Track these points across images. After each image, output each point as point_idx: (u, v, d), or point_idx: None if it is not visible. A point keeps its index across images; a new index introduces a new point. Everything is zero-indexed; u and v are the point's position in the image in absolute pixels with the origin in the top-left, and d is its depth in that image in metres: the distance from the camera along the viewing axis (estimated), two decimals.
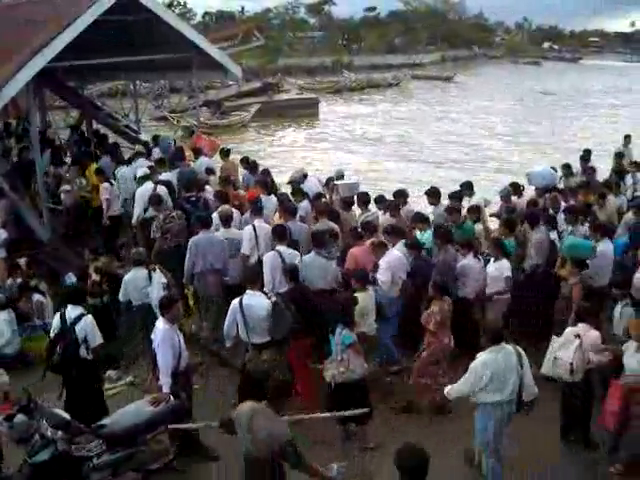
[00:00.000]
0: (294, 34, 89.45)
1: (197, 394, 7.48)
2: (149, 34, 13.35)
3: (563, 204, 10.12)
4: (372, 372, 7.52)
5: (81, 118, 17.64)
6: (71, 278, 10.17)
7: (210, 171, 12.08)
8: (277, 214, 9.79)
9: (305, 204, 10.26)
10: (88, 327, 7.09)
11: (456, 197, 10.11)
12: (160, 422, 6.37)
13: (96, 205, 12.19)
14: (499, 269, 8.34)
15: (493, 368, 5.91)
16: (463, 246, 8.60)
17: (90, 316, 7.23)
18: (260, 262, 8.46)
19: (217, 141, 11.48)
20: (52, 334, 7.26)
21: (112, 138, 16.15)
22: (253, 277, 7.60)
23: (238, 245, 9.10)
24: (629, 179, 12.18)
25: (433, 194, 10.17)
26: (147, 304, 8.37)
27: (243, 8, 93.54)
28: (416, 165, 24.95)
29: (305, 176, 11.83)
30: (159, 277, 8.33)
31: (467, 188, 10.75)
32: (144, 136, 16.04)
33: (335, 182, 11.46)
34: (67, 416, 6.07)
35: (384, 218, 9.98)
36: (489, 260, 8.62)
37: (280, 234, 8.44)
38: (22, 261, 10.65)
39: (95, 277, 9.52)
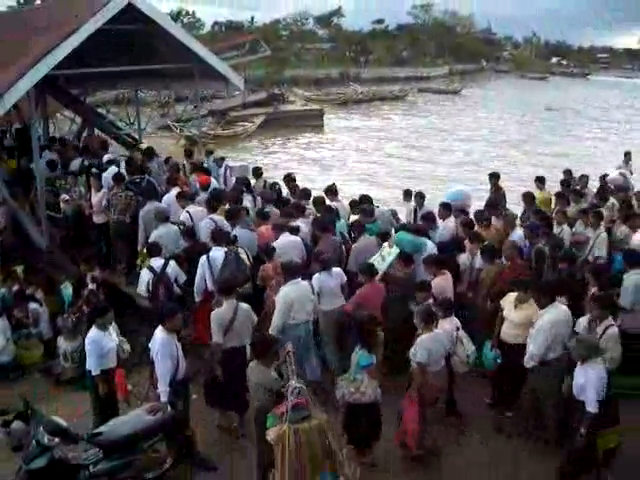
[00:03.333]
0: (302, 45, 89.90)
1: (194, 403, 7.46)
2: (151, 43, 13.35)
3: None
4: None
5: (82, 125, 17.67)
6: (67, 287, 10.12)
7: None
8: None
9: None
10: (176, 269, 8.70)
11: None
12: (157, 431, 6.39)
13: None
14: None
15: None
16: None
17: (173, 261, 8.71)
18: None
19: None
20: (146, 285, 8.62)
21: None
22: (218, 235, 8.90)
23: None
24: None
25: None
26: None
27: (253, 18, 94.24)
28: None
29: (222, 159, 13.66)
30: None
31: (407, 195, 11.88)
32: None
33: (229, 164, 13.28)
34: (64, 423, 6.04)
35: None
36: None
37: (213, 207, 10.00)
38: (19, 269, 10.63)
39: (92, 286, 9.46)
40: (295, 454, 5.48)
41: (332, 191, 11.17)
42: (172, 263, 8.65)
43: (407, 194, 11.93)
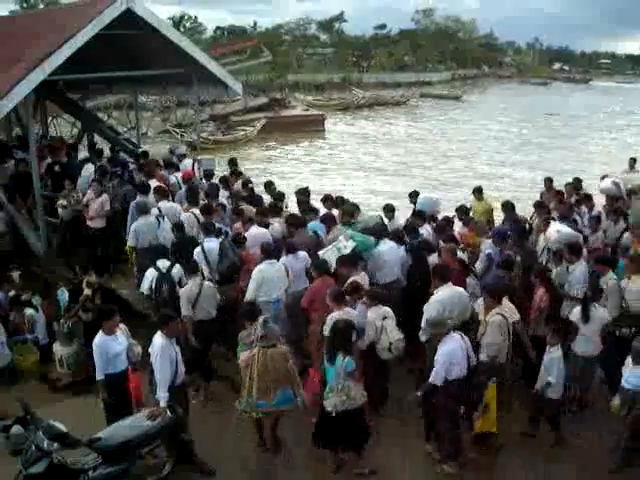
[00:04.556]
0: (304, 50, 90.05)
1: (193, 408, 7.50)
2: (150, 48, 13.36)
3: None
4: None
5: (81, 131, 17.68)
6: (63, 292, 10.12)
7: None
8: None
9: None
10: (181, 272, 8.93)
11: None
12: (156, 436, 6.41)
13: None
14: None
15: None
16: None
17: (178, 264, 8.98)
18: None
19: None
20: (150, 283, 8.92)
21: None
22: (208, 227, 9.51)
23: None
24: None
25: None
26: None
27: (255, 23, 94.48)
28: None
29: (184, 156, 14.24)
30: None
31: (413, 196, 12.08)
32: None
33: (197, 158, 14.04)
34: (63, 428, 6.04)
35: None
36: None
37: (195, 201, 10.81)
38: (15, 274, 10.63)
39: (87, 292, 9.45)
40: (263, 373, 6.57)
41: (330, 200, 11.19)
42: (178, 266, 8.99)
43: (411, 196, 12.18)
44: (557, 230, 9.49)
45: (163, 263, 9.16)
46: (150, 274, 9.08)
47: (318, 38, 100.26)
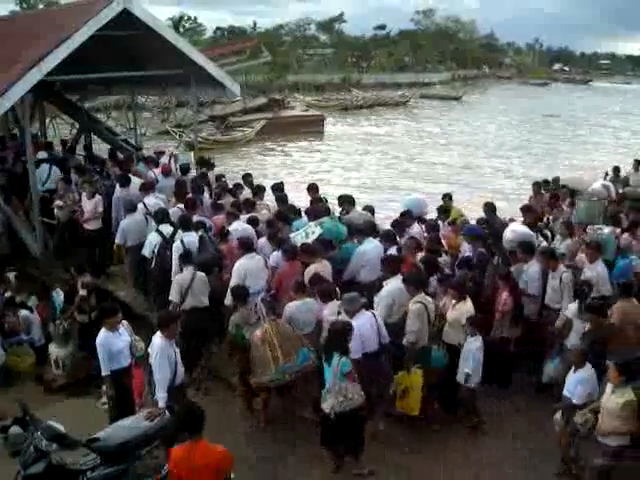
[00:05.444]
0: (304, 51, 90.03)
1: None
2: (149, 49, 13.34)
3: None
4: None
5: (79, 131, 17.64)
6: (59, 294, 10.09)
7: None
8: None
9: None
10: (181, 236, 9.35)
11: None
12: (155, 437, 6.38)
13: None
14: None
15: None
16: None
17: (181, 230, 9.48)
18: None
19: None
20: (153, 248, 9.50)
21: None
22: (185, 222, 9.69)
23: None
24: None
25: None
26: None
27: (255, 24, 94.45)
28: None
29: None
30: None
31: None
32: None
33: (173, 153, 14.63)
34: (62, 429, 6.05)
35: None
36: None
37: (181, 196, 11.03)
38: (11, 275, 10.60)
39: (83, 292, 9.42)
40: (282, 341, 7.26)
41: (314, 188, 11.41)
42: (180, 232, 9.54)
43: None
44: (512, 230, 9.60)
45: (166, 228, 9.73)
46: (154, 239, 9.62)
47: (318, 39, 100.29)
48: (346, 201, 10.74)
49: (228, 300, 8.47)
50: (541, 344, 8.51)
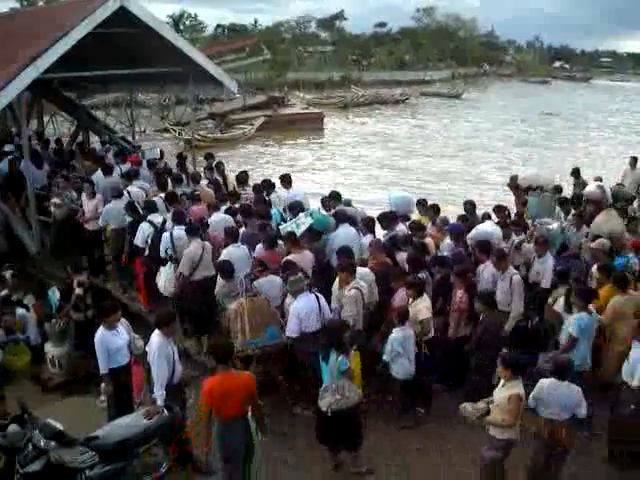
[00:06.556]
0: (304, 48, 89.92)
1: (190, 407, 7.47)
2: (147, 47, 13.32)
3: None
4: None
5: (77, 129, 17.62)
6: (55, 292, 10.07)
7: None
8: None
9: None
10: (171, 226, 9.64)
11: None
12: (153, 435, 6.39)
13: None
14: None
15: None
16: None
17: (170, 220, 9.87)
18: None
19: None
20: (145, 238, 9.81)
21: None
22: (178, 216, 9.85)
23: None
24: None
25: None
26: None
27: (256, 21, 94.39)
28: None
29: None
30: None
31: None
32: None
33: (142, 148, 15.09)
34: (60, 427, 6.06)
35: None
36: None
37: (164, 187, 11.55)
38: (7, 274, 10.57)
39: (79, 291, 9.39)
40: (252, 316, 7.58)
41: (287, 180, 11.60)
42: (170, 221, 9.89)
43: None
44: (476, 228, 9.64)
45: (155, 218, 10.06)
46: (146, 228, 9.89)
47: (318, 36, 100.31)
48: (333, 198, 10.80)
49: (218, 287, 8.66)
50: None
